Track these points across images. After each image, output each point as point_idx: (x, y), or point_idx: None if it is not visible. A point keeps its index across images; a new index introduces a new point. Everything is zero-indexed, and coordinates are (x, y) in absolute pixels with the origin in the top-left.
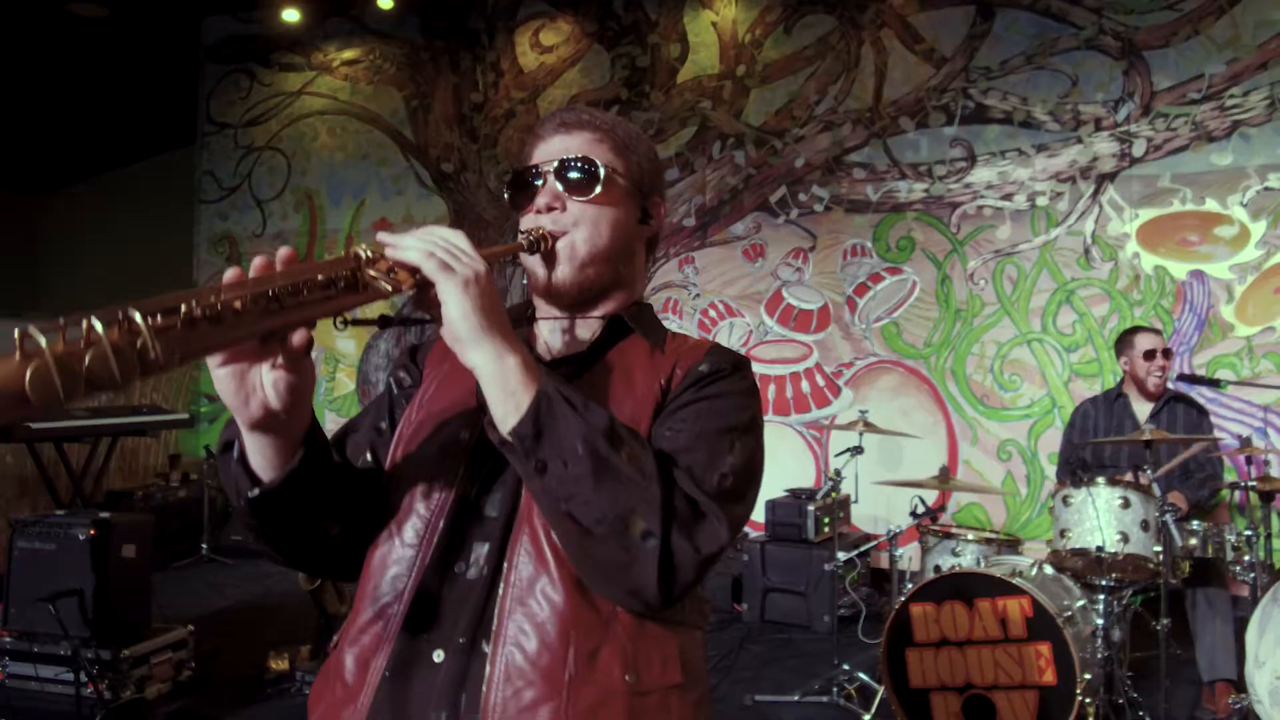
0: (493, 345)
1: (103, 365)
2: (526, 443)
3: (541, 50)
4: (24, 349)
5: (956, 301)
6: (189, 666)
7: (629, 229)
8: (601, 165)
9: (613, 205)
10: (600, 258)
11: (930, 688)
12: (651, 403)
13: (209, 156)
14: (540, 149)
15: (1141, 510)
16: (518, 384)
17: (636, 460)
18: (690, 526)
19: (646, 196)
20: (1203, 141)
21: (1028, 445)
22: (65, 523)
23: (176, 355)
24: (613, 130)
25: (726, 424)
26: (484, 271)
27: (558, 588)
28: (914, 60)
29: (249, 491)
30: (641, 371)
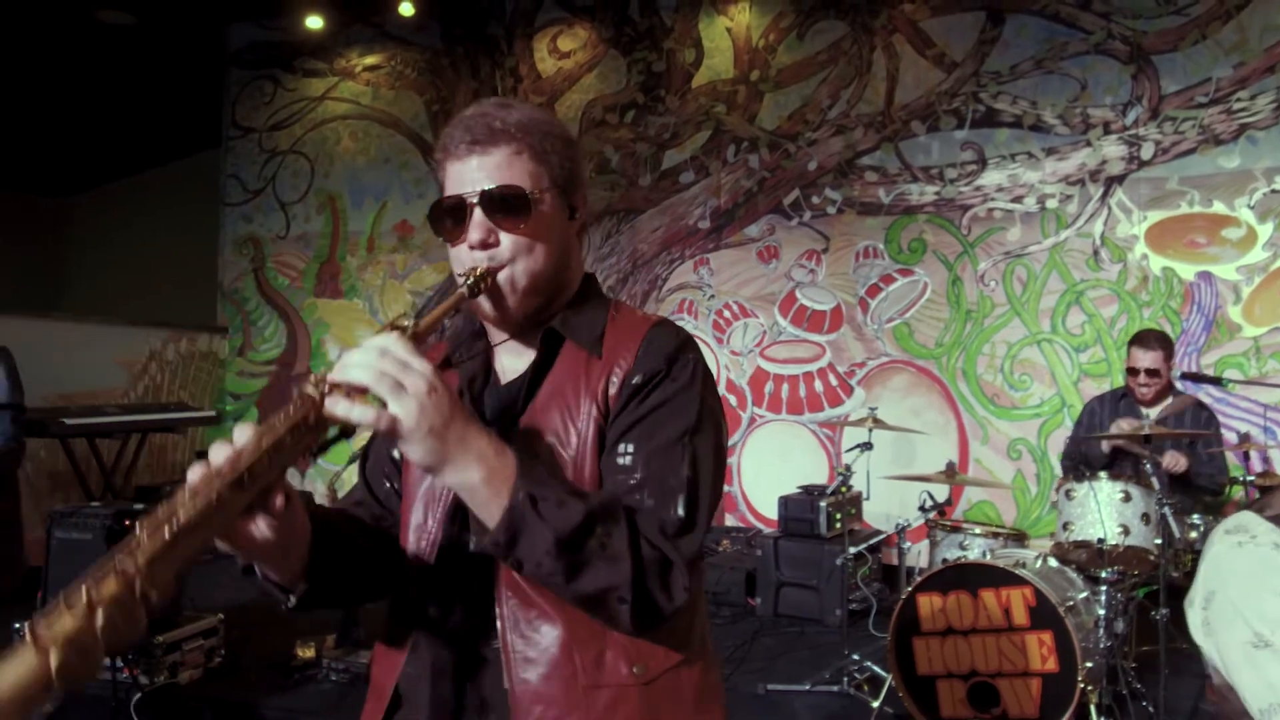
0: (457, 464)
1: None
2: (501, 549)
3: (559, 56)
4: (37, 642)
5: (967, 302)
6: (219, 653)
7: (564, 238)
8: (529, 191)
9: (546, 224)
10: (541, 282)
11: (937, 675)
12: (594, 430)
13: (233, 160)
14: (455, 171)
15: (1142, 503)
16: (487, 498)
17: (607, 545)
18: (661, 579)
19: (572, 193)
20: (1210, 144)
21: (1038, 444)
22: (101, 514)
23: (172, 580)
24: (527, 134)
25: (674, 434)
26: (435, 381)
27: (550, 617)
28: (925, 65)
29: (286, 603)
30: (581, 393)
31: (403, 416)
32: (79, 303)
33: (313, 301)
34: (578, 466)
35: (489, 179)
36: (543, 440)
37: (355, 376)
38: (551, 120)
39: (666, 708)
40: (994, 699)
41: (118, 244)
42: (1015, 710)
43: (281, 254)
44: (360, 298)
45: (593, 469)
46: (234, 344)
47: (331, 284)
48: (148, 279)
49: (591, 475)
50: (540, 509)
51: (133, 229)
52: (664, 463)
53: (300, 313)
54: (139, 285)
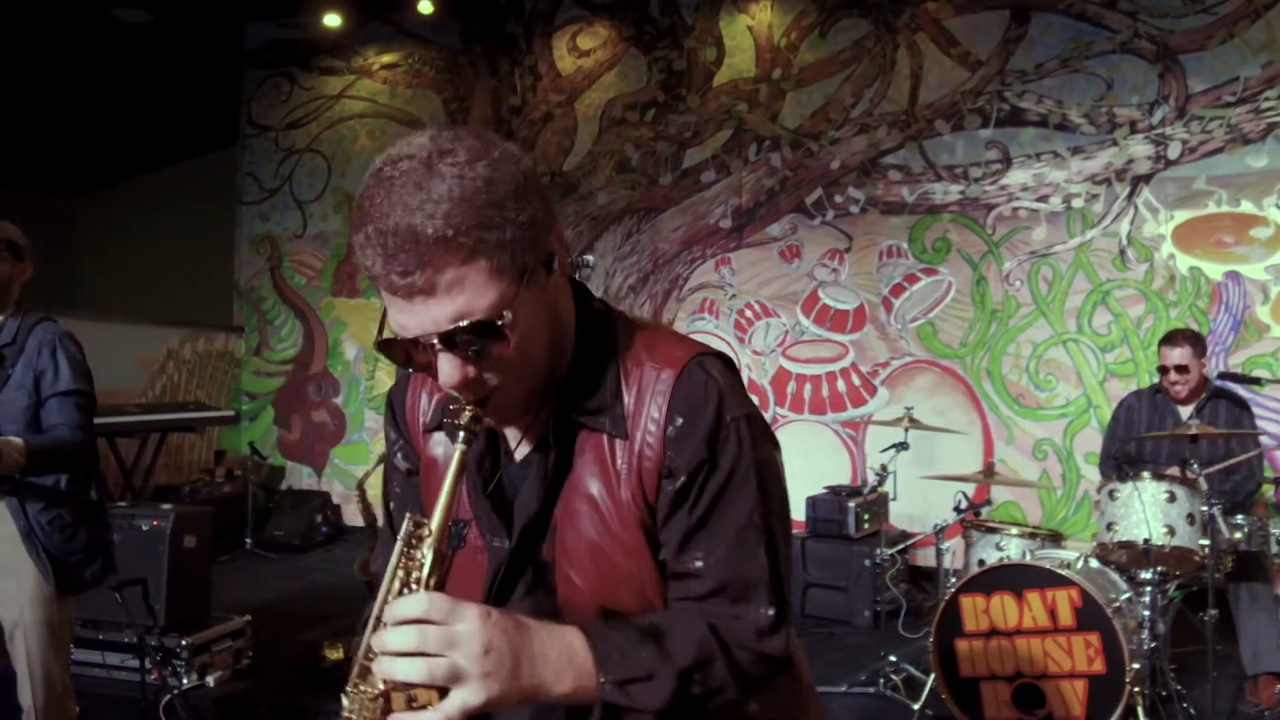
0: (539, 694)
1: None
2: None
3: (579, 54)
4: None
5: (992, 302)
6: (247, 655)
7: (548, 307)
8: (499, 317)
9: (525, 330)
10: (537, 377)
11: (980, 677)
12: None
13: (250, 158)
14: (398, 306)
15: (1187, 504)
16: (578, 699)
17: (709, 684)
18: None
19: (542, 249)
20: (1238, 144)
21: (1063, 444)
22: (129, 514)
23: None
24: (469, 228)
25: (740, 522)
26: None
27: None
28: (949, 64)
29: None
30: (614, 485)
31: (473, 702)
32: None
33: (330, 301)
34: (634, 574)
35: (443, 318)
36: (585, 545)
37: (404, 675)
38: (491, 175)
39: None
40: (1039, 701)
41: (132, 243)
42: (1061, 712)
43: (298, 253)
44: (377, 297)
45: (651, 571)
46: (250, 343)
47: (349, 283)
48: (163, 278)
49: (651, 579)
50: (631, 693)
51: (148, 227)
52: (739, 557)
53: (317, 312)
54: (154, 284)
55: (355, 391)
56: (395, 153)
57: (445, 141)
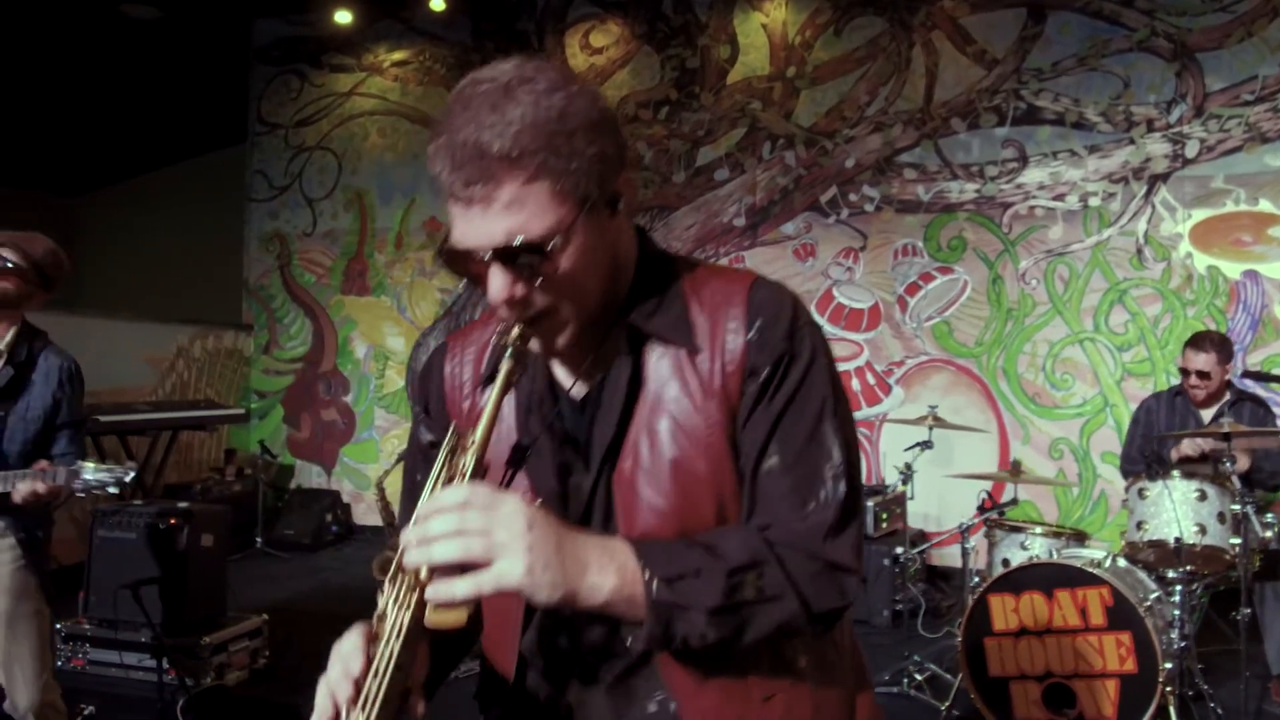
0: (584, 590)
1: None
2: (659, 641)
3: (591, 52)
4: None
5: (1008, 301)
6: (264, 655)
7: (606, 247)
8: (553, 239)
9: (581, 254)
10: (588, 311)
11: (1010, 676)
12: (721, 440)
13: (259, 156)
14: (459, 215)
15: (1218, 502)
16: (625, 605)
17: (764, 589)
18: (828, 590)
19: (609, 184)
20: (1256, 143)
21: (1079, 444)
22: (145, 512)
23: None
24: (536, 149)
25: (814, 419)
26: (530, 513)
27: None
28: (965, 62)
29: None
30: (693, 396)
31: (509, 571)
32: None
33: (339, 299)
34: (715, 483)
35: (501, 232)
36: (664, 461)
37: (443, 555)
38: (566, 107)
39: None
40: (1069, 701)
41: (141, 241)
42: (1092, 712)
43: (308, 250)
44: (388, 295)
45: (731, 480)
46: (259, 341)
47: (359, 281)
48: (172, 276)
49: (730, 487)
50: (680, 590)
51: (156, 225)
52: (814, 455)
53: (327, 310)
54: (163, 282)
55: (365, 390)
56: (479, 74)
57: (528, 70)
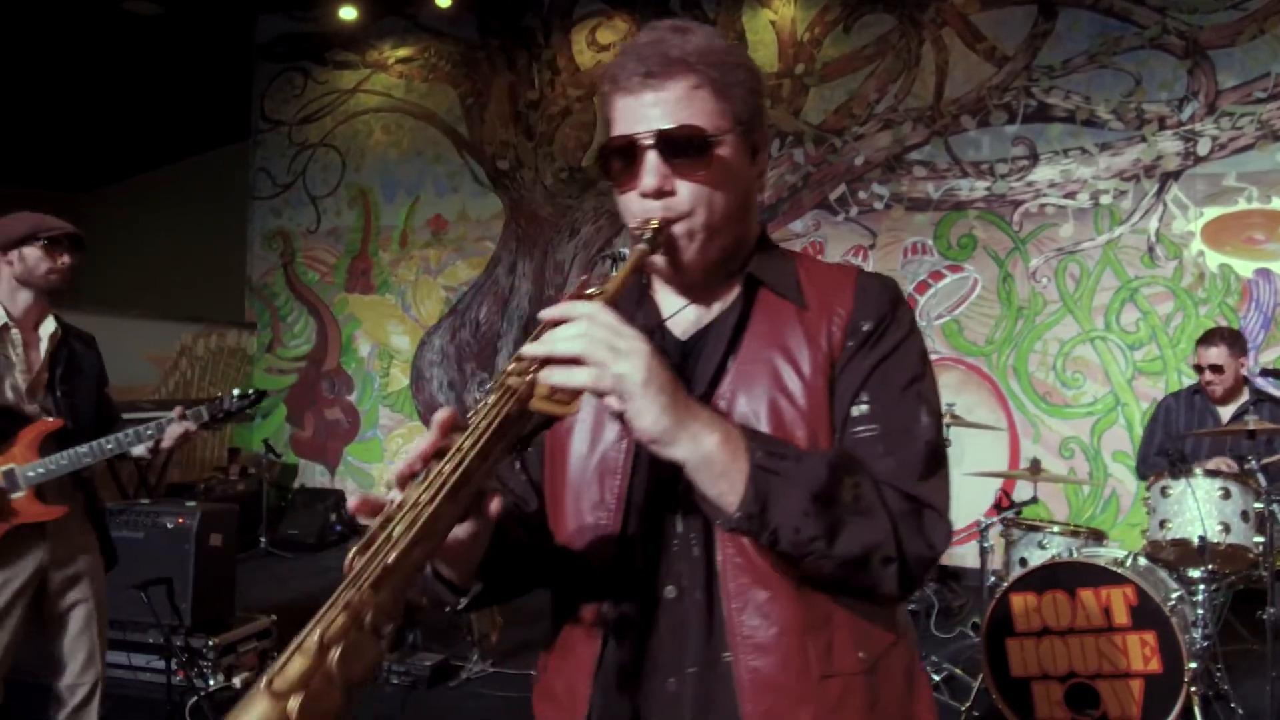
0: (687, 435)
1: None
2: (754, 521)
3: (598, 49)
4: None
5: (1019, 299)
6: (273, 656)
7: (746, 183)
8: (711, 132)
9: (727, 168)
10: (721, 231)
11: (1032, 677)
12: (822, 380)
13: (263, 153)
14: (626, 107)
15: (1241, 501)
16: (726, 464)
17: (860, 498)
18: (919, 530)
19: (755, 133)
20: (1269, 140)
21: (1090, 443)
22: (153, 511)
23: (401, 603)
24: (708, 65)
25: (908, 378)
26: (651, 352)
27: (782, 595)
28: (975, 59)
29: (455, 603)
30: (798, 342)
31: (629, 374)
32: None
33: (344, 297)
34: (810, 421)
35: (665, 117)
36: (762, 397)
37: (565, 349)
38: (734, 48)
39: (885, 692)
40: (1093, 701)
41: (143, 238)
42: (1116, 712)
43: (312, 248)
44: (393, 293)
45: (826, 423)
46: (262, 340)
47: (363, 279)
48: (174, 274)
49: (825, 430)
50: (783, 468)
51: (159, 223)
52: (902, 411)
53: (331, 308)
54: (165, 280)
55: (369, 389)
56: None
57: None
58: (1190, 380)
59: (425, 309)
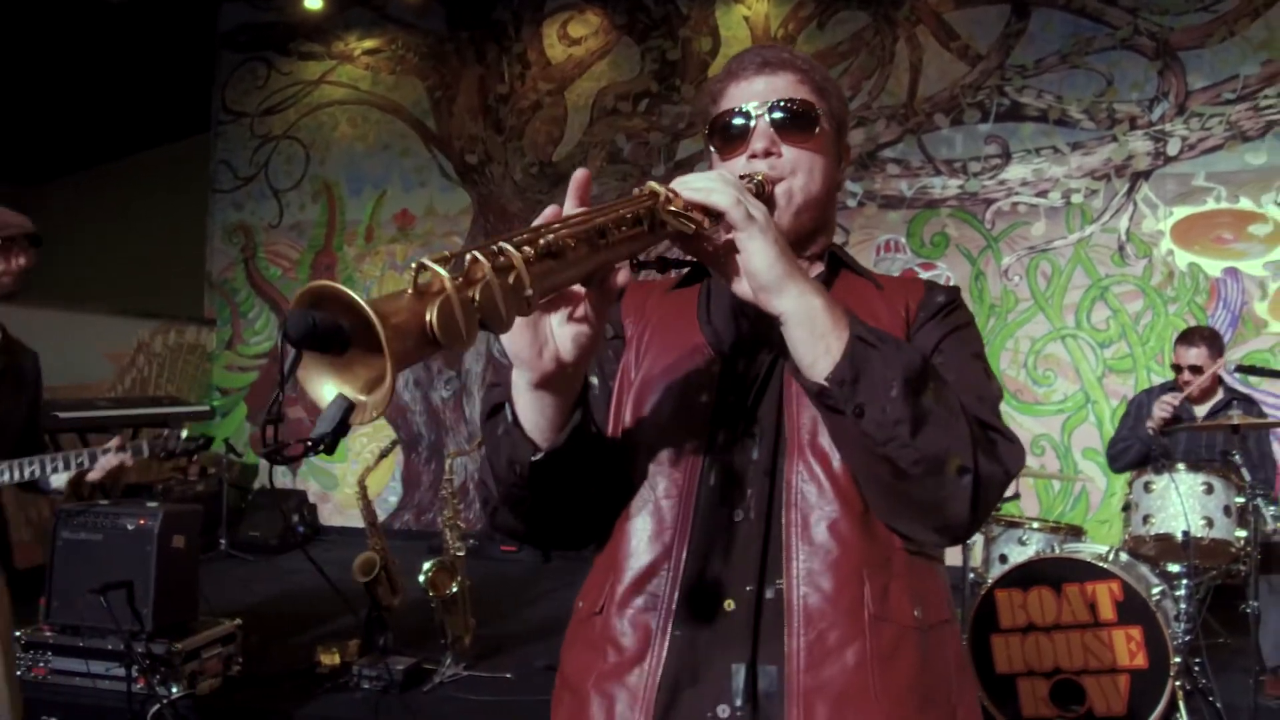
0: (797, 288)
1: (492, 303)
2: (845, 388)
3: (570, 43)
4: (418, 285)
5: (990, 297)
6: (238, 661)
7: (834, 174)
8: (817, 109)
9: (823, 150)
10: (814, 204)
11: (1017, 673)
12: (902, 334)
13: (224, 145)
14: (740, 89)
15: (1224, 495)
16: (827, 327)
17: (944, 398)
18: (993, 452)
19: (841, 137)
20: (1237, 141)
21: (1061, 440)
22: (113, 513)
23: (539, 294)
24: (812, 71)
25: (975, 350)
26: (769, 214)
27: (846, 523)
28: (949, 57)
29: (531, 456)
30: (878, 309)
31: (757, 214)
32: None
33: None
34: None
35: (776, 94)
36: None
37: (713, 195)
38: (828, 73)
39: (938, 660)
40: (1078, 697)
41: (100, 232)
42: (1102, 708)
43: (274, 243)
44: (357, 289)
45: None
46: (222, 336)
47: (327, 275)
48: (132, 269)
49: None
50: (881, 346)
51: (116, 216)
52: (975, 374)
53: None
54: (122, 275)
55: None
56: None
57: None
58: (1159, 377)
59: None
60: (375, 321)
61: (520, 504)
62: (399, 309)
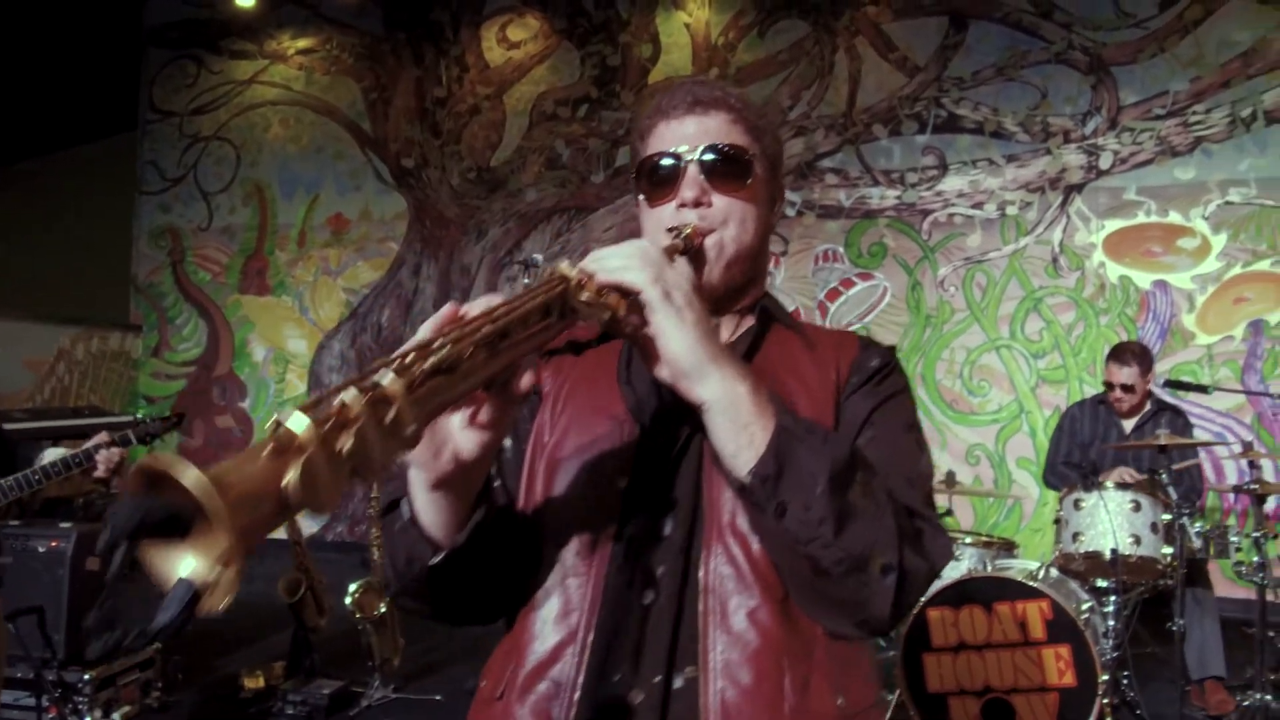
0: (720, 374)
1: (365, 452)
2: (767, 484)
3: (509, 46)
4: (278, 441)
5: (927, 308)
6: (157, 687)
7: (767, 220)
8: (750, 155)
9: (755, 198)
10: (746, 256)
11: (948, 692)
12: (830, 402)
13: (151, 145)
14: (670, 130)
15: (1151, 513)
16: (751, 415)
17: (872, 491)
18: (919, 545)
19: (775, 180)
20: (1167, 156)
21: (995, 450)
22: (22, 533)
23: (425, 423)
24: (746, 110)
25: (908, 421)
26: (692, 290)
27: (767, 611)
28: (887, 68)
29: (430, 559)
30: (807, 369)
31: (666, 321)
32: None
33: (237, 298)
34: None
35: (707, 138)
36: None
37: (627, 274)
38: (763, 109)
39: None
40: (1009, 715)
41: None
42: None
43: (203, 247)
44: (290, 295)
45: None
46: (149, 343)
47: (258, 280)
48: (53, 273)
49: None
50: (807, 437)
51: (37, 217)
52: (904, 450)
53: (223, 310)
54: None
55: (264, 395)
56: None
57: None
58: (1091, 388)
59: (324, 312)
60: (208, 506)
61: (421, 595)
62: (247, 477)
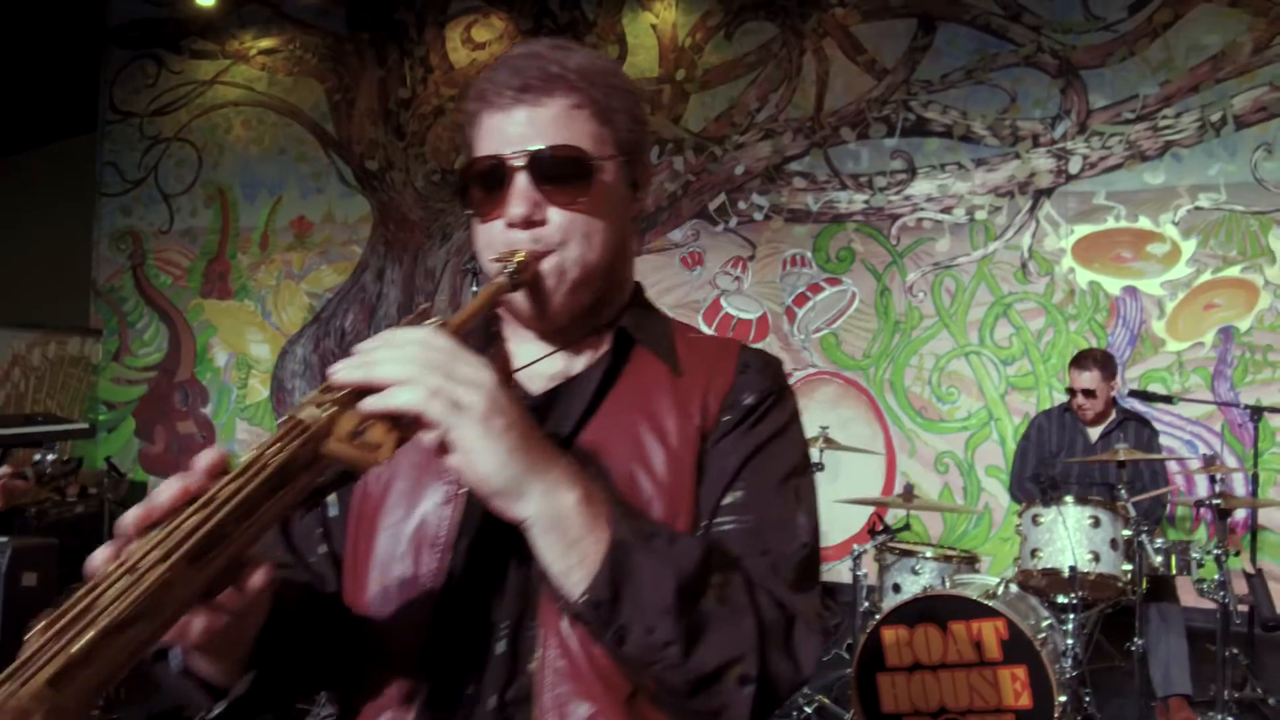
0: (541, 486)
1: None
2: (602, 610)
3: (473, 47)
4: None
5: (896, 313)
6: (98, 705)
7: (624, 220)
8: (590, 155)
9: (605, 201)
10: (593, 276)
11: (903, 713)
12: (692, 453)
13: (111, 146)
14: (495, 125)
15: (1110, 529)
16: (582, 530)
17: (728, 595)
18: (786, 643)
19: (635, 165)
20: (1136, 160)
21: (964, 457)
22: None
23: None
24: (590, 84)
25: (786, 470)
26: (496, 383)
27: (611, 716)
28: (856, 71)
29: (209, 712)
30: (667, 410)
31: (468, 403)
32: None
33: (199, 302)
34: (670, 500)
35: (539, 137)
36: (618, 465)
37: (387, 371)
38: (617, 70)
39: None
40: None
41: None
42: None
43: (164, 250)
44: (252, 299)
45: (688, 504)
46: (109, 347)
47: (220, 283)
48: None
49: (686, 511)
50: (649, 550)
51: None
52: (779, 504)
53: (185, 314)
54: None
55: (226, 401)
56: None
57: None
58: (1060, 395)
59: (287, 316)
60: None
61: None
62: None
